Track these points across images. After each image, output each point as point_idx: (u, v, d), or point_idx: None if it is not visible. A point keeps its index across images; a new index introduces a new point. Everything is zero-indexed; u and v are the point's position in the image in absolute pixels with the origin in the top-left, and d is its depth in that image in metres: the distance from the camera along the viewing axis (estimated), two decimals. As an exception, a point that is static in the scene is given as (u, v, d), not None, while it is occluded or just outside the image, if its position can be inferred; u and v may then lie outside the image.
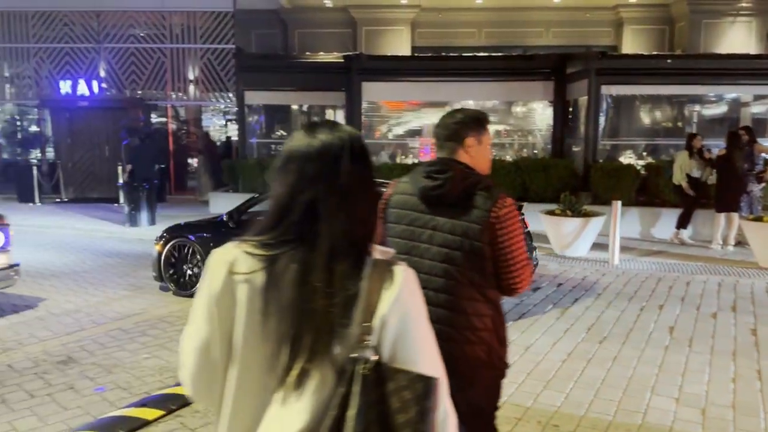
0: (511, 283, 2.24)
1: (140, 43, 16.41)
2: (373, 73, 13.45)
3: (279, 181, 1.30)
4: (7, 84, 17.35)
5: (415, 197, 2.29)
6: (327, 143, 1.30)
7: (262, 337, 1.23)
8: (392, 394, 1.15)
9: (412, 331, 1.23)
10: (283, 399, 1.21)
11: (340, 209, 1.25)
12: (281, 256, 1.25)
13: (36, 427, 3.82)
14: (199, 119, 17.83)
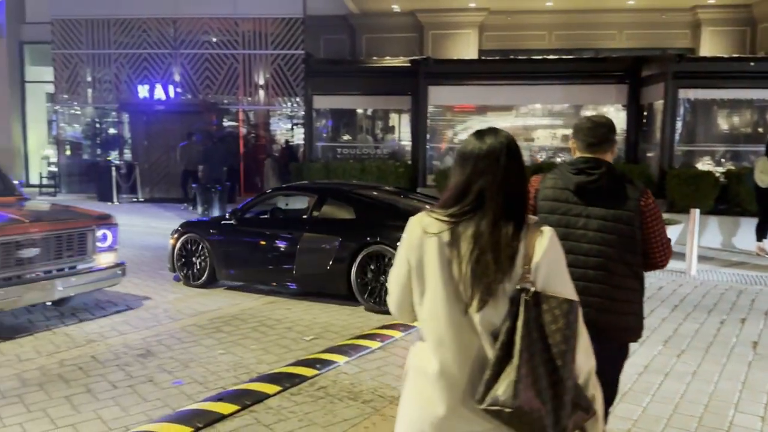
0: (657, 260, 2.71)
1: (214, 49, 16.96)
2: (440, 76, 13.44)
3: (458, 172, 1.85)
4: (89, 88, 18.27)
5: (568, 191, 2.66)
6: (492, 146, 1.83)
7: (448, 277, 1.78)
8: (546, 311, 1.72)
9: (556, 270, 1.80)
10: (466, 316, 1.76)
11: (500, 191, 1.78)
12: (461, 222, 1.79)
13: (119, 417, 3.99)
14: (268, 123, 18.25)
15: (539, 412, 1.67)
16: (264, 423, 3.89)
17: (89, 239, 6.08)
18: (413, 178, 13.50)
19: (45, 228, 5.74)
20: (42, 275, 5.69)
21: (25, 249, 5.55)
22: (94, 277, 6.11)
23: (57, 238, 5.80)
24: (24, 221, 5.68)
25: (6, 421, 3.93)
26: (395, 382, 4.58)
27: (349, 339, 5.54)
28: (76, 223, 6.04)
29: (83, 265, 6.04)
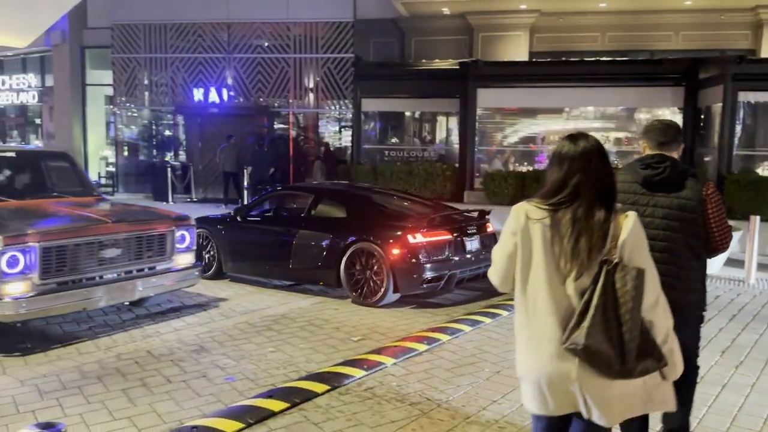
0: (719, 245, 3.10)
1: (266, 53, 17.27)
2: (489, 79, 13.35)
3: (555, 169, 2.34)
4: (146, 91, 18.87)
5: (636, 183, 3.09)
6: (585, 148, 2.31)
7: (550, 253, 2.27)
8: (619, 278, 2.19)
9: (639, 246, 2.28)
10: (563, 285, 2.25)
11: (593, 186, 2.27)
12: (560, 210, 2.27)
13: (173, 411, 4.12)
14: (317, 125, 18.48)
15: (607, 352, 2.16)
16: (313, 421, 3.94)
17: (169, 240, 6.08)
18: (460, 181, 13.45)
19: (127, 228, 5.75)
20: (123, 275, 5.71)
21: (107, 249, 5.57)
22: (173, 278, 6.14)
23: (138, 239, 5.82)
24: (107, 221, 5.68)
25: (67, 411, 4.10)
26: (442, 385, 4.58)
27: (396, 341, 5.56)
28: (157, 224, 6.04)
29: (162, 266, 6.05)
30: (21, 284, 5.03)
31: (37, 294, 5.09)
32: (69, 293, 5.28)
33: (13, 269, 4.96)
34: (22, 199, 6.22)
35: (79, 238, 5.37)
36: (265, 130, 17.63)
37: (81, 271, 5.40)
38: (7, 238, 4.95)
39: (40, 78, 23.85)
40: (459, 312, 6.64)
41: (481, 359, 5.15)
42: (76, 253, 5.34)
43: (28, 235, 5.06)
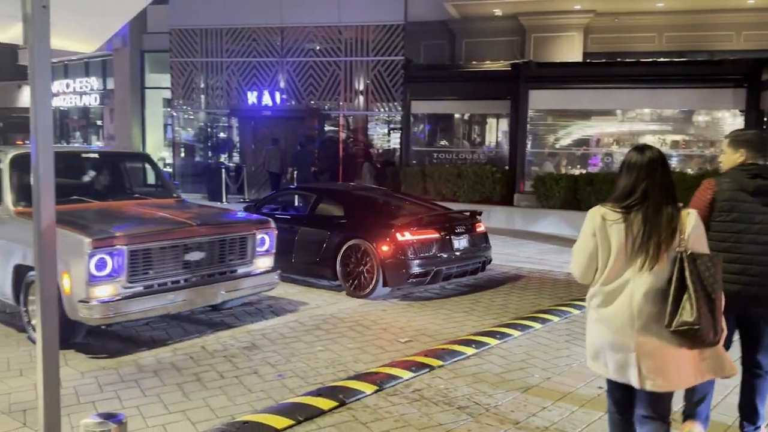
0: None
1: (317, 56, 17.51)
2: (542, 80, 13.17)
3: (625, 177, 2.77)
4: (202, 94, 19.38)
5: (744, 192, 3.34)
6: (651, 158, 2.73)
7: (624, 249, 2.70)
8: (701, 263, 2.63)
9: (700, 238, 2.74)
10: (638, 275, 2.69)
11: (659, 190, 2.71)
12: (631, 211, 2.71)
13: (225, 406, 4.22)
14: (366, 128, 18.60)
15: (706, 327, 2.57)
16: (361, 421, 3.97)
17: (250, 243, 5.98)
18: (510, 183, 13.31)
19: (211, 231, 5.66)
20: (206, 279, 5.62)
21: (191, 252, 5.47)
22: (254, 282, 6.04)
23: (221, 242, 5.71)
24: (192, 224, 5.58)
25: (125, 402, 4.25)
26: (491, 389, 4.54)
27: (444, 344, 5.54)
28: (240, 228, 5.97)
29: (243, 270, 5.96)
30: (109, 287, 4.96)
31: (124, 298, 5.02)
32: (155, 297, 5.19)
33: (101, 272, 4.90)
34: (105, 200, 6.27)
35: (166, 241, 5.29)
36: (315, 132, 17.86)
37: (166, 275, 5.32)
38: (95, 241, 4.88)
39: (102, 81, 24.83)
40: (507, 316, 6.57)
41: (531, 365, 5.09)
42: (162, 257, 5.27)
43: (116, 238, 4.99)
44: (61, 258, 4.69)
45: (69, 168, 6.55)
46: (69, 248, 4.83)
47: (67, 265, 4.88)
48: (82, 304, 4.85)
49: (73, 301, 4.89)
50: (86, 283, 4.84)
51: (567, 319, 6.46)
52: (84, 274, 4.83)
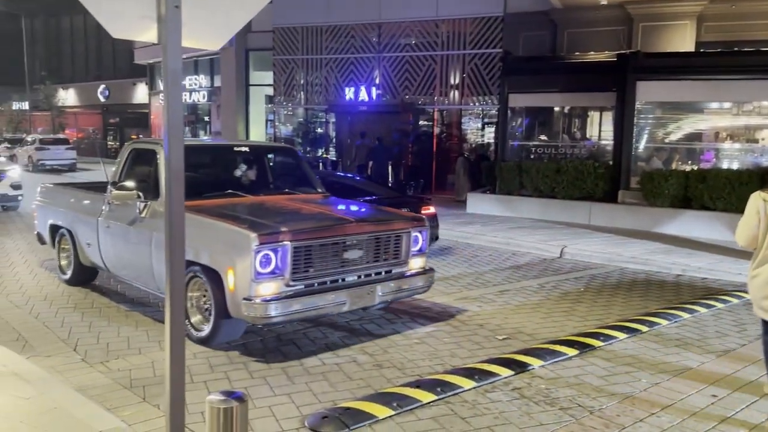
0: None
1: (413, 51, 17.55)
2: (651, 71, 12.50)
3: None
4: (302, 90, 19.96)
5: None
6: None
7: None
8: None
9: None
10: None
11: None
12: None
13: (327, 391, 4.34)
14: (461, 122, 18.47)
15: None
16: (460, 415, 3.96)
17: (404, 242, 5.64)
18: (614, 179, 12.74)
19: (369, 229, 5.39)
20: (363, 279, 5.34)
21: (350, 250, 5.21)
22: (410, 283, 5.67)
23: (377, 240, 5.42)
24: (351, 220, 5.36)
25: (234, 384, 4.47)
26: (595, 392, 4.39)
27: (543, 343, 5.41)
28: (396, 225, 5.63)
29: (397, 270, 5.62)
30: (272, 285, 4.75)
31: (287, 296, 4.80)
32: (317, 297, 4.96)
33: (265, 269, 4.70)
34: (256, 195, 6.16)
35: (328, 238, 5.06)
36: (409, 127, 17.94)
37: (326, 274, 5.08)
38: (261, 236, 4.68)
39: (210, 79, 26.16)
40: (611, 318, 6.32)
41: (638, 369, 4.87)
42: (323, 254, 5.04)
43: (281, 233, 4.79)
44: (226, 253, 4.81)
45: (221, 162, 6.62)
46: (234, 244, 4.77)
47: (232, 261, 4.76)
48: (246, 302, 4.68)
49: (237, 299, 4.74)
50: (251, 280, 4.66)
51: (677, 324, 6.12)
52: (249, 270, 4.66)
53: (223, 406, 2.19)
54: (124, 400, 4.15)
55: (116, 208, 6.19)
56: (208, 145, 7.88)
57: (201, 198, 5.60)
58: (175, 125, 2.12)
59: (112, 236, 6.23)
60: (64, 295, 6.85)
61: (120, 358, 4.94)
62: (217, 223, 5.04)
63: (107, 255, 6.37)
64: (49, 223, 7.49)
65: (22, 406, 3.74)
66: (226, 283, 4.82)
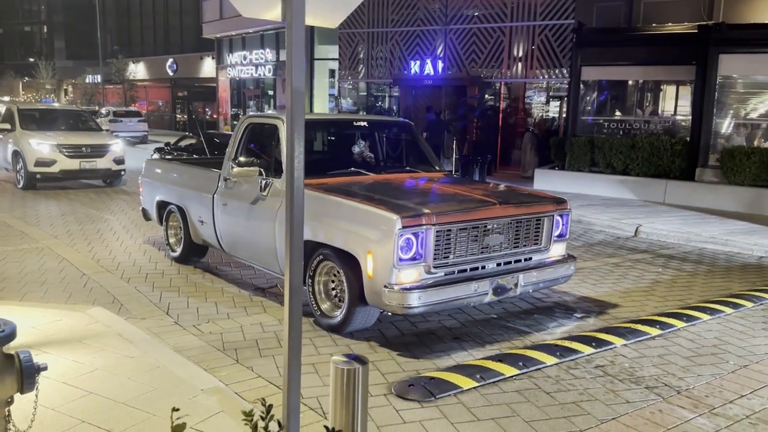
0: None
1: (481, 23, 17.23)
2: (735, 44, 11.90)
3: None
4: (367, 64, 19.96)
5: None
6: None
7: None
8: None
9: None
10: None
11: None
12: None
13: (410, 361, 4.43)
14: (528, 96, 18.08)
15: None
16: (545, 390, 3.99)
17: (545, 227, 5.19)
18: (692, 156, 12.28)
19: (513, 211, 4.94)
20: (503, 267, 4.92)
21: (491, 235, 4.81)
22: (551, 273, 5.22)
23: (518, 224, 4.98)
24: (494, 202, 4.91)
25: (320, 350, 4.62)
26: (681, 372, 4.33)
27: (624, 322, 5.35)
28: (540, 207, 5.18)
29: (538, 257, 5.17)
30: (414, 272, 4.41)
31: (430, 285, 4.44)
32: (461, 286, 4.57)
33: (407, 254, 4.35)
34: (378, 173, 5.86)
35: (471, 221, 4.67)
36: (475, 101, 17.69)
37: (467, 261, 4.70)
38: (405, 218, 4.32)
39: (275, 53, 26.46)
40: (693, 299, 6.17)
41: (724, 350, 4.76)
42: (465, 239, 4.66)
43: (425, 216, 4.42)
44: (364, 237, 4.48)
45: (341, 138, 6.32)
46: (375, 226, 4.45)
47: (371, 246, 4.43)
48: (387, 290, 4.34)
49: (376, 286, 4.42)
50: (393, 266, 4.32)
51: (763, 306, 5.92)
52: (391, 256, 4.31)
53: (347, 368, 2.30)
54: (218, 361, 4.37)
55: (234, 185, 5.93)
56: (328, 120, 7.42)
57: (325, 176, 5.41)
58: (298, 102, 2.20)
59: (229, 214, 5.98)
60: (178, 272, 7.18)
61: (211, 322, 5.19)
62: (354, 204, 4.70)
63: (223, 233, 6.14)
64: (156, 200, 7.32)
65: (127, 364, 4.00)
66: (364, 269, 4.50)
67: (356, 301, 4.66)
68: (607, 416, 3.67)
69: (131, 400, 3.50)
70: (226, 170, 6.06)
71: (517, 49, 16.79)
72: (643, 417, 3.67)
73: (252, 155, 5.82)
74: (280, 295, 5.98)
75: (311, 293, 5.05)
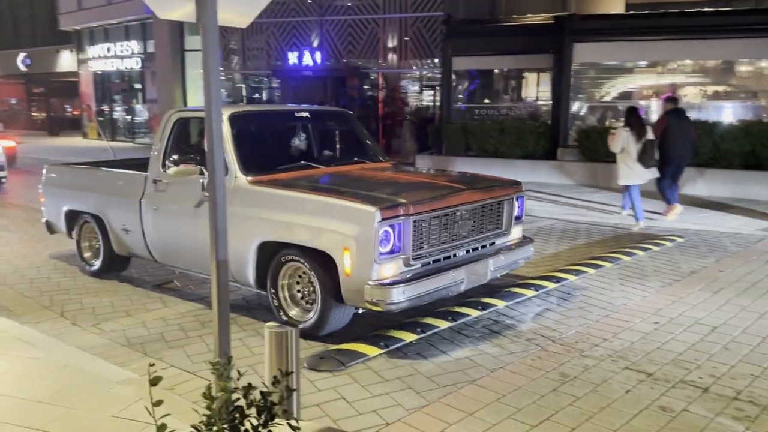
0: None
1: (356, 14, 17.62)
2: (586, 33, 13.16)
3: None
4: (242, 55, 19.73)
5: None
6: None
7: None
8: None
9: None
10: None
11: None
12: None
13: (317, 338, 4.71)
14: (405, 86, 18.78)
15: None
16: (441, 350, 4.44)
17: (506, 210, 5.20)
18: (553, 138, 13.46)
19: (480, 196, 4.91)
20: (472, 253, 4.89)
21: (462, 222, 4.75)
22: (512, 256, 5.21)
23: (483, 209, 4.94)
24: (462, 188, 4.87)
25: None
26: (555, 325, 4.95)
27: (505, 287, 5.94)
28: (501, 191, 5.17)
29: (500, 241, 5.19)
30: (393, 266, 4.24)
31: (411, 278, 4.30)
32: (438, 277, 4.45)
33: (385, 248, 4.17)
34: (329, 165, 5.66)
35: (444, 209, 4.58)
36: (356, 91, 18.13)
37: (441, 250, 4.61)
38: (383, 210, 4.14)
39: (142, 45, 25.30)
40: (561, 263, 6.94)
41: (589, 304, 5.48)
42: (438, 228, 4.56)
43: (402, 206, 4.25)
44: (338, 232, 4.24)
45: (285, 130, 6.01)
46: (350, 220, 4.21)
47: (348, 241, 4.18)
48: (369, 287, 4.14)
49: (355, 283, 4.20)
50: (374, 261, 4.12)
51: (618, 266, 6.80)
52: (371, 250, 4.11)
53: (281, 331, 2.54)
54: (126, 356, 4.40)
55: (166, 187, 5.44)
56: (269, 112, 6.71)
57: (275, 171, 5.13)
58: (216, 99, 2.39)
59: (163, 220, 5.47)
60: (64, 274, 6.88)
61: (110, 321, 5.15)
62: (323, 199, 4.45)
63: (155, 242, 5.61)
64: (64, 210, 6.54)
65: (34, 366, 3.96)
66: (341, 266, 4.24)
67: (330, 301, 4.42)
68: (496, 366, 4.18)
69: (47, 397, 3.51)
70: (154, 171, 5.56)
71: (391, 41, 17.37)
72: (526, 364, 4.21)
73: (183, 153, 5.41)
74: (178, 289, 6.01)
75: (275, 300, 4.77)
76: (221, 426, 1.70)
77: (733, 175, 11.16)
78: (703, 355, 4.34)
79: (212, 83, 2.36)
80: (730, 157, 11.29)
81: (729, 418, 3.48)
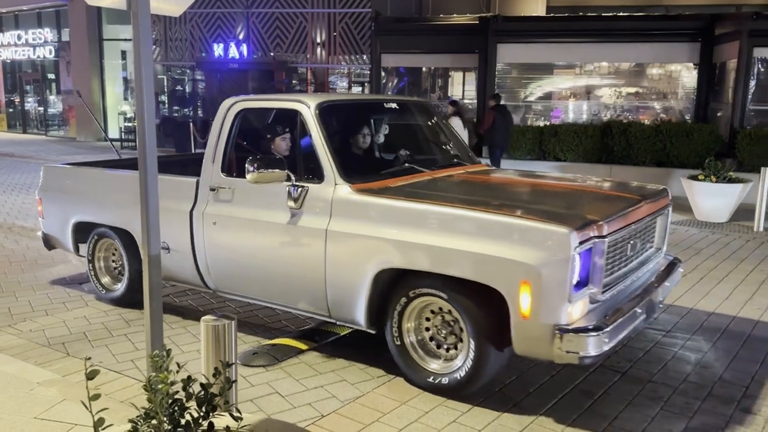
0: None
1: (284, 8, 17.43)
2: (509, 34, 13.59)
3: None
4: (165, 46, 19.10)
5: None
6: None
7: None
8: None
9: None
10: None
11: None
12: None
13: (250, 334, 4.67)
14: (334, 81, 18.75)
15: None
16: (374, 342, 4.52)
17: (660, 223, 4.24)
18: (479, 136, 13.81)
19: (652, 209, 3.96)
20: (644, 280, 3.94)
21: (632, 242, 3.74)
22: (670, 279, 4.19)
23: (648, 224, 3.97)
24: (637, 199, 3.88)
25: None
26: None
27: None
28: (662, 201, 4.21)
29: (655, 260, 4.17)
30: (581, 304, 3.22)
31: (608, 321, 3.23)
32: (629, 315, 3.40)
33: (578, 279, 3.17)
34: (432, 169, 4.48)
35: (629, 227, 3.61)
36: (283, 86, 17.94)
37: (618, 277, 3.60)
38: (579, 230, 3.11)
39: (56, 33, 24.03)
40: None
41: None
42: (623, 250, 3.63)
43: (594, 224, 3.22)
44: (513, 261, 3.14)
45: (377, 124, 4.92)
46: (531, 245, 3.13)
47: (527, 273, 3.10)
48: (560, 336, 3.08)
49: (536, 330, 3.14)
50: (566, 300, 3.09)
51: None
52: (563, 285, 3.07)
53: (218, 324, 2.51)
54: (47, 356, 4.22)
55: (232, 195, 4.26)
56: (361, 102, 5.36)
57: (380, 177, 4.06)
58: (148, 92, 2.34)
59: (227, 238, 4.31)
60: None
61: (28, 321, 4.91)
62: (487, 217, 3.30)
63: (214, 265, 4.44)
64: (72, 221, 5.32)
65: (-56, 370, 3.73)
66: (515, 307, 3.17)
67: (488, 348, 3.37)
68: (428, 356, 4.28)
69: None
70: (212, 176, 4.39)
71: (320, 35, 17.30)
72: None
73: (249, 153, 4.24)
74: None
75: (398, 348, 3.72)
76: (161, 419, 1.68)
77: (645, 171, 11.86)
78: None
79: (144, 74, 2.32)
80: (643, 154, 11.97)
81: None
